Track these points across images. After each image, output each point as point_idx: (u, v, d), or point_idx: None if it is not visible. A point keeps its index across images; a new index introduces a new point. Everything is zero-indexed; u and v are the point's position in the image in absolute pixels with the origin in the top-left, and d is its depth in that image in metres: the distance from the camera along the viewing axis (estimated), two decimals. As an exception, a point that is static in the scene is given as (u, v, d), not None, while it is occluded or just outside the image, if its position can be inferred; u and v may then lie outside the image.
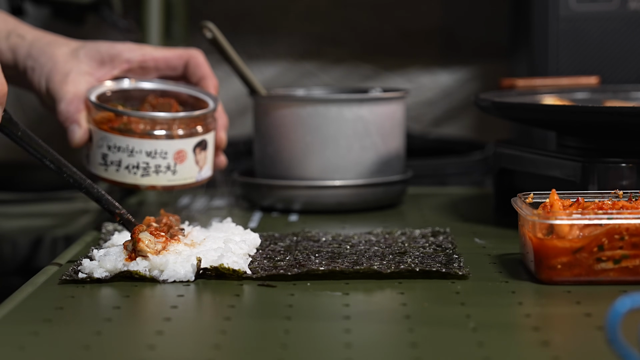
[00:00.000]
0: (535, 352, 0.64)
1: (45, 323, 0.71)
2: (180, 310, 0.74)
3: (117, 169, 0.98)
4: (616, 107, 0.99)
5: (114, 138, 0.97)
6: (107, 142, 0.98)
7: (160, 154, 0.97)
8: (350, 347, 0.65)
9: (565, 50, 1.32)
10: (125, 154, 0.97)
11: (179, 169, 0.98)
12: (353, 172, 1.11)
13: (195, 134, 0.99)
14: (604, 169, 0.95)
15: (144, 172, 0.97)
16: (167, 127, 0.98)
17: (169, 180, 0.98)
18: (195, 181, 1.00)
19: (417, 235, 0.94)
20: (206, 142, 1.00)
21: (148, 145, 0.97)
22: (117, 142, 0.97)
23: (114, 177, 0.98)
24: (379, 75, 1.61)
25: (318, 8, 1.60)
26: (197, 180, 1.00)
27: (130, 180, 0.98)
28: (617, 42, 1.31)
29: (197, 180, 1.00)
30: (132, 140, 0.97)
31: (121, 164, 0.97)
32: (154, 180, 0.98)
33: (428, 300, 0.75)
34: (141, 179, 0.98)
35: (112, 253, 0.83)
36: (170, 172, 0.98)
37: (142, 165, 0.97)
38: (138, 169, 0.97)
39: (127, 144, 0.97)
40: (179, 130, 0.98)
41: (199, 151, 1.00)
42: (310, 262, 0.83)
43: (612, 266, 0.78)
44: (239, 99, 1.59)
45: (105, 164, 0.98)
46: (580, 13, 1.31)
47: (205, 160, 1.01)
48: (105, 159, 0.98)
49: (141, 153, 0.97)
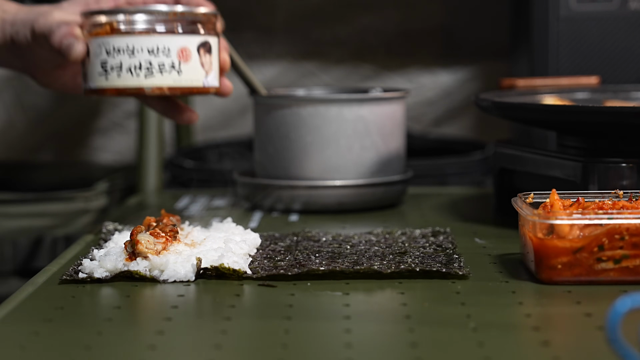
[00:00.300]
0: (535, 352, 0.64)
1: (46, 323, 0.71)
2: (180, 310, 0.74)
3: (119, 74, 0.93)
4: (616, 107, 0.99)
5: (112, 40, 0.93)
6: (105, 47, 0.93)
7: (163, 51, 0.93)
8: (351, 347, 0.65)
9: (565, 50, 1.32)
10: (125, 56, 0.93)
11: (184, 69, 0.94)
12: (353, 172, 1.11)
13: (198, 32, 0.95)
14: (604, 169, 0.95)
15: (147, 72, 0.93)
16: (168, 22, 0.94)
17: (175, 80, 0.94)
18: (203, 86, 0.96)
19: (418, 235, 0.94)
20: (210, 45, 0.96)
21: (149, 42, 0.93)
22: (116, 44, 0.93)
23: (116, 83, 0.93)
24: (379, 75, 1.61)
25: (318, 8, 1.60)
26: (204, 85, 0.96)
27: (134, 83, 0.93)
28: (617, 42, 1.31)
29: (204, 85, 0.96)
30: (132, 38, 0.93)
31: (122, 67, 0.93)
32: (158, 81, 0.93)
33: (428, 300, 0.75)
34: (145, 80, 0.93)
35: (113, 253, 0.83)
36: (175, 71, 0.94)
37: (144, 64, 0.93)
38: (141, 69, 0.93)
39: (127, 43, 0.93)
40: (179, 27, 0.94)
41: (204, 53, 0.95)
42: (310, 262, 0.83)
43: (613, 266, 0.78)
44: (239, 99, 1.59)
45: (105, 71, 0.94)
46: (580, 13, 1.31)
47: (211, 66, 0.96)
48: (104, 67, 0.94)
49: (143, 51, 0.93)
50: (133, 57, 0.93)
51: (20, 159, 1.61)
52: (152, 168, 1.35)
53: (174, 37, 0.94)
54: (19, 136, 1.61)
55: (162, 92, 0.94)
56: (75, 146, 1.63)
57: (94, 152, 1.63)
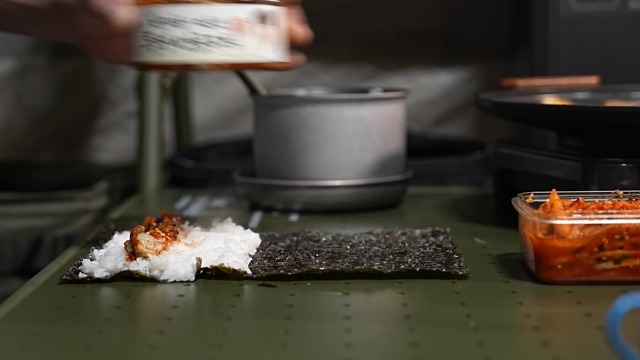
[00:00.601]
0: (535, 352, 0.64)
1: (46, 323, 0.71)
2: (180, 310, 0.74)
3: (162, 47, 0.84)
4: (616, 107, 0.99)
5: (155, 10, 0.84)
6: (147, 17, 0.84)
7: (212, 21, 0.83)
8: (351, 347, 0.65)
9: (565, 50, 1.32)
10: (169, 26, 0.83)
11: (238, 41, 0.84)
12: (353, 172, 1.11)
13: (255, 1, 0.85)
14: (604, 169, 0.95)
15: (193, 45, 0.83)
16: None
17: (226, 54, 0.83)
18: (260, 60, 0.85)
19: (418, 235, 0.94)
20: (270, 15, 0.85)
21: (197, 12, 0.83)
22: (159, 13, 0.84)
23: (159, 57, 0.84)
24: (379, 75, 1.61)
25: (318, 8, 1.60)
26: (262, 59, 0.85)
27: (179, 57, 0.84)
28: (617, 42, 1.31)
29: (262, 59, 0.85)
30: (177, 7, 0.83)
31: (165, 39, 0.84)
32: (207, 55, 0.83)
33: (428, 300, 0.75)
34: (191, 54, 0.83)
35: (113, 253, 0.83)
36: (225, 44, 0.83)
37: (190, 37, 0.83)
38: (186, 42, 0.83)
39: (171, 12, 0.83)
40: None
41: (262, 24, 0.85)
42: (310, 262, 0.83)
43: (613, 266, 0.78)
44: (239, 99, 1.59)
45: (148, 43, 0.84)
46: (580, 13, 1.31)
47: (274, 39, 0.86)
48: (146, 38, 0.84)
49: (188, 22, 0.83)
50: (177, 27, 0.84)
51: (20, 159, 1.61)
52: (152, 168, 1.35)
53: (224, 6, 0.84)
54: (19, 136, 1.61)
55: (212, 67, 0.85)
56: (75, 146, 1.63)
57: (94, 152, 1.63)
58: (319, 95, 1.18)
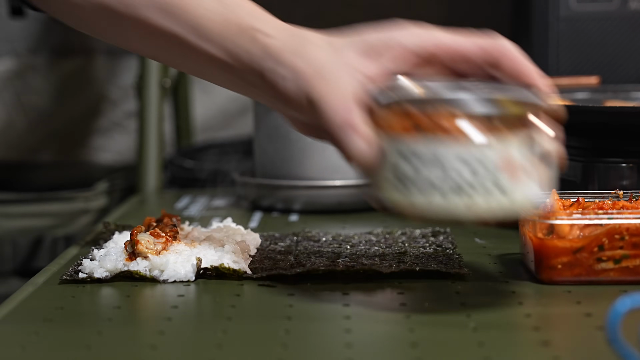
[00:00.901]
0: (535, 352, 0.64)
1: (46, 323, 0.71)
2: (180, 310, 0.74)
3: (420, 191, 0.67)
4: (616, 107, 0.99)
5: (413, 144, 0.67)
6: (401, 151, 0.67)
7: (483, 164, 0.66)
8: (351, 347, 0.65)
9: (565, 50, 1.32)
10: (430, 167, 0.66)
11: (511, 187, 0.67)
12: (353, 172, 1.11)
13: (530, 136, 0.68)
14: (604, 169, 0.95)
15: (459, 192, 0.66)
16: (491, 124, 0.67)
17: (499, 204, 0.67)
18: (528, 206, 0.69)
19: (418, 235, 0.94)
20: (545, 150, 0.69)
21: (466, 152, 0.66)
22: (418, 150, 0.66)
23: (415, 203, 0.67)
24: (379, 75, 1.61)
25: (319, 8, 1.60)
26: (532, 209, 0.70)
27: (441, 207, 0.67)
28: (617, 42, 1.31)
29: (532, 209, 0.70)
30: (442, 145, 0.66)
31: (424, 182, 0.67)
32: (476, 206, 0.66)
33: (428, 300, 0.75)
34: (456, 204, 0.67)
35: (113, 253, 0.83)
36: (498, 191, 0.67)
37: (456, 180, 0.66)
38: (451, 188, 0.66)
39: (434, 151, 0.66)
40: (506, 129, 0.67)
41: (537, 162, 0.68)
42: (310, 262, 0.83)
43: (613, 266, 0.78)
44: (239, 99, 1.59)
45: (401, 182, 0.68)
46: (580, 13, 1.31)
47: (545, 177, 0.70)
48: (398, 176, 0.68)
49: (456, 163, 0.66)
50: (439, 168, 0.66)
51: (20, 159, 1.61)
52: (152, 168, 1.35)
53: (501, 145, 0.66)
54: (19, 136, 1.61)
55: (481, 222, 0.67)
56: (75, 146, 1.63)
57: (94, 152, 1.63)
58: (319, 95, 1.18)
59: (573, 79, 1.20)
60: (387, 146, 0.68)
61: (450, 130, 0.66)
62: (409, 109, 0.67)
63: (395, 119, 0.68)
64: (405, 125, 0.67)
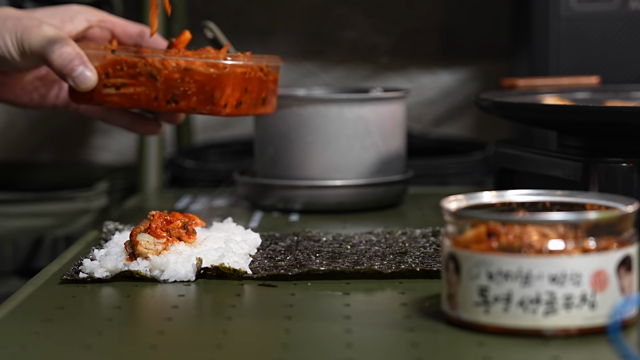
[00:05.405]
0: (535, 352, 0.64)
1: (46, 323, 0.71)
2: (181, 310, 0.74)
3: (506, 308, 0.66)
4: (617, 107, 0.99)
5: (497, 261, 0.66)
6: (485, 269, 0.66)
7: (572, 277, 0.65)
8: (351, 347, 0.65)
9: (565, 50, 1.32)
10: (516, 283, 0.66)
11: (599, 300, 0.66)
12: (354, 172, 1.11)
13: (619, 245, 0.67)
14: (604, 169, 0.95)
15: (548, 308, 0.65)
16: (572, 233, 0.66)
17: (586, 319, 0.66)
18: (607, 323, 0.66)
19: (418, 235, 0.94)
20: (632, 258, 0.68)
21: (553, 266, 0.65)
22: (503, 266, 0.66)
23: (500, 321, 0.66)
24: (379, 75, 1.61)
25: (319, 7, 1.60)
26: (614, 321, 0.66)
27: (527, 322, 0.66)
28: (617, 42, 1.31)
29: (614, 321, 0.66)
30: (527, 260, 0.65)
31: (511, 300, 0.66)
32: (563, 320, 0.65)
33: (428, 300, 0.75)
34: (543, 320, 0.65)
35: (113, 253, 0.83)
36: (587, 305, 0.66)
37: (544, 297, 0.65)
38: (539, 303, 0.65)
39: (520, 266, 0.65)
40: (592, 238, 0.66)
41: (624, 272, 0.67)
42: (310, 262, 0.83)
43: (115, 92, 0.92)
44: (239, 99, 1.59)
45: (486, 302, 0.66)
46: (580, 13, 1.31)
47: (632, 287, 0.68)
48: (485, 296, 0.67)
49: (543, 279, 0.65)
50: (528, 285, 0.65)
51: (20, 159, 1.61)
52: (152, 168, 1.35)
53: (589, 258, 0.66)
54: (19, 136, 1.61)
55: (569, 335, 0.66)
56: (75, 146, 1.63)
57: (94, 152, 1.63)
58: (319, 95, 1.18)
59: (573, 78, 1.21)
60: (469, 265, 0.67)
61: (535, 243, 0.66)
62: (495, 226, 0.67)
63: (477, 235, 0.68)
64: (491, 241, 0.67)
